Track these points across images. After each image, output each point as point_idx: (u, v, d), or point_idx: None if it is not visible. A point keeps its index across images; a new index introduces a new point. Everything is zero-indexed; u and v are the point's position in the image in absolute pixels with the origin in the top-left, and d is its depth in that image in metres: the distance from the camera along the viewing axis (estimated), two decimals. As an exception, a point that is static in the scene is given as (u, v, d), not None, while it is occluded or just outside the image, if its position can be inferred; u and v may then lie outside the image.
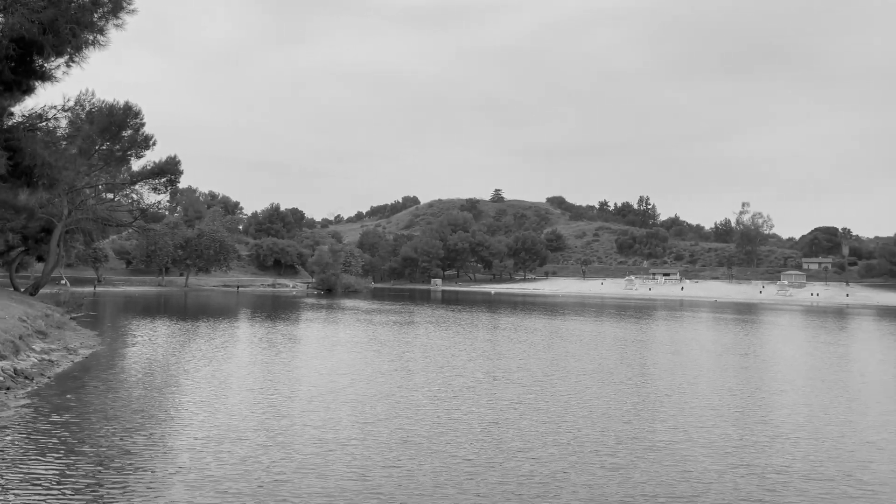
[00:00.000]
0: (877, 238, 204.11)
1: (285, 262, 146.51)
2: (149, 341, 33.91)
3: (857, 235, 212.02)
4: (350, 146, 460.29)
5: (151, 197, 60.99)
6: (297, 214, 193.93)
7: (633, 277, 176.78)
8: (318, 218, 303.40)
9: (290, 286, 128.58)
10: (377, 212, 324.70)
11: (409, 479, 12.67)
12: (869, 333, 52.94)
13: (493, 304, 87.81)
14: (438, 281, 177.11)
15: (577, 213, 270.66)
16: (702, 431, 16.96)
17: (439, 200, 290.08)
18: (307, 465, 13.39)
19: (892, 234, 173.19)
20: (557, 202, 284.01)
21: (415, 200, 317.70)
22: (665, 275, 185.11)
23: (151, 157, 62.03)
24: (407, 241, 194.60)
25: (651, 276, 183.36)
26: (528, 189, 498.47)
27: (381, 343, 35.44)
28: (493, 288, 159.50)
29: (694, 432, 16.83)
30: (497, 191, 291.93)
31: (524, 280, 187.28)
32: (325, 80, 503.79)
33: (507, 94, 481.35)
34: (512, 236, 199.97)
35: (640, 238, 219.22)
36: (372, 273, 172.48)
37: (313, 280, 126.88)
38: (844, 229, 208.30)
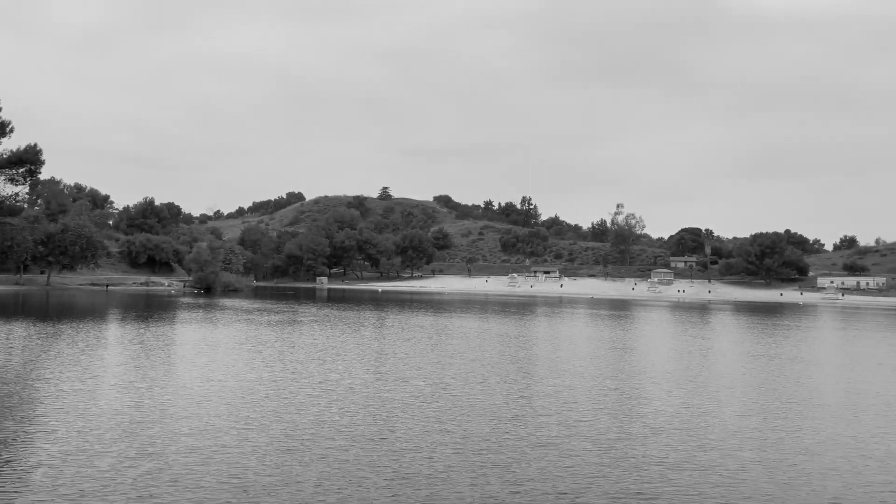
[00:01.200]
0: (735, 238, 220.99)
1: (160, 259, 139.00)
2: (3, 347, 30.88)
3: (718, 236, 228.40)
4: (231, 139, 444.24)
5: (8, 188, 55.96)
6: (173, 209, 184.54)
7: (515, 275, 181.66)
8: (196, 213, 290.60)
9: (166, 285, 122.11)
10: (260, 208, 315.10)
11: (290, 488, 12.12)
12: (728, 327, 57.03)
13: (380, 302, 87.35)
14: (324, 279, 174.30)
15: (463, 212, 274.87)
16: (583, 426, 17.44)
17: (325, 197, 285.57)
18: (180, 478, 12.53)
19: (748, 235, 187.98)
20: (444, 201, 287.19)
21: (300, 197, 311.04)
22: (546, 273, 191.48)
23: (8, 144, 56.89)
24: (291, 238, 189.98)
25: (533, 274, 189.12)
26: (416, 187, 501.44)
27: (262, 344, 34.20)
28: (381, 286, 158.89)
29: (576, 427, 17.28)
30: (385, 188, 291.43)
31: (412, 278, 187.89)
32: (204, 70, 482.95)
33: (394, 93, 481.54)
34: (400, 234, 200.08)
35: (522, 237, 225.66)
36: (254, 271, 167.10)
37: (191, 278, 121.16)
38: (707, 230, 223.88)
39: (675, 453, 14.98)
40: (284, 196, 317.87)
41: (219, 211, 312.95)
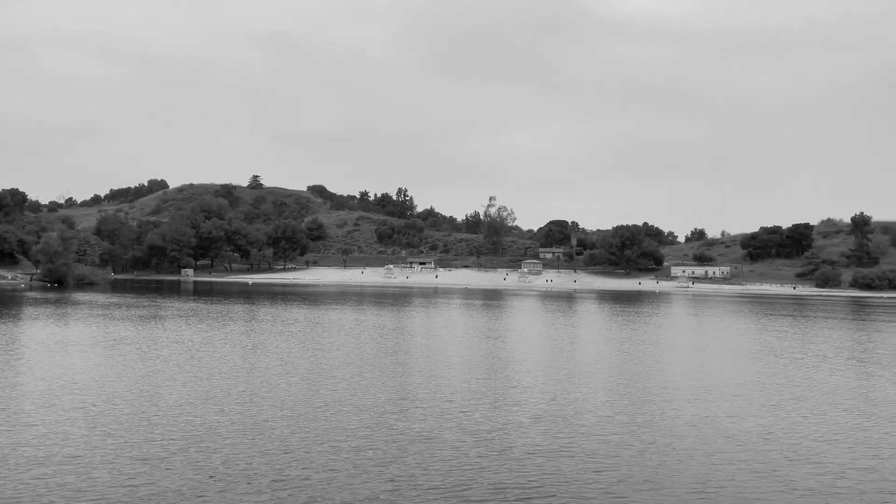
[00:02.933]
0: (599, 231, 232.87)
1: (3, 250, 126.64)
2: None
3: (583, 228, 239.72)
4: (85, 122, 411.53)
5: None
6: (17, 196, 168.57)
7: (392, 266, 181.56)
8: (44, 201, 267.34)
9: (9, 278, 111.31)
10: (119, 195, 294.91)
11: (147, 502, 11.15)
12: (594, 314, 59.85)
13: (250, 295, 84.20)
14: (190, 271, 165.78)
15: (338, 202, 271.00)
16: (462, 417, 17.44)
17: (191, 185, 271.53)
18: (21, 494, 11.19)
19: (610, 228, 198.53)
20: (318, 191, 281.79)
21: (163, 184, 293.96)
22: (422, 264, 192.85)
23: None
24: (154, 227, 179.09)
25: (409, 265, 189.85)
26: (289, 176, 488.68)
27: (121, 341, 31.80)
28: (252, 278, 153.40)
29: (456, 419, 17.25)
30: (255, 177, 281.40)
31: (285, 270, 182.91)
32: (53, 46, 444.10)
33: (268, 79, 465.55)
34: (272, 224, 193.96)
35: (398, 228, 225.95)
36: (112, 263, 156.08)
37: (38, 271, 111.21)
38: (573, 223, 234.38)
39: (555, 441, 15.28)
40: (146, 183, 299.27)
41: (71, 198, 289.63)
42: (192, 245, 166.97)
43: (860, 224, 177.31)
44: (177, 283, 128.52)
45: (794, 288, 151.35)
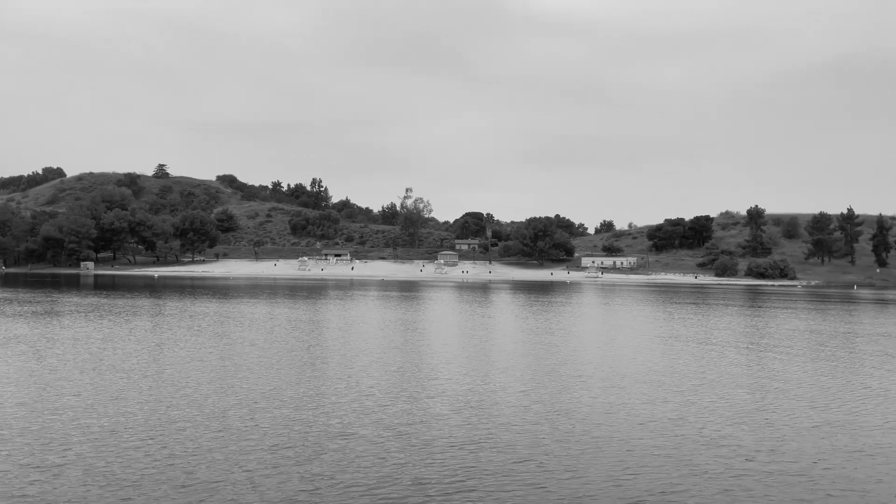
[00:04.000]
0: (513, 222, 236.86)
1: None
2: None
3: (498, 220, 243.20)
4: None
5: None
6: None
7: (306, 258, 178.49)
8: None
9: None
10: (10, 184, 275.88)
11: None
12: (509, 304, 60.67)
13: (156, 288, 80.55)
14: (90, 264, 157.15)
15: (249, 192, 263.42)
16: (382, 411, 17.13)
17: (90, 174, 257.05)
18: None
19: (524, 220, 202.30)
20: (229, 181, 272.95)
21: (59, 172, 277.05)
22: (337, 255, 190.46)
23: None
24: (50, 218, 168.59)
25: (324, 257, 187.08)
26: (197, 166, 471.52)
27: (11, 339, 29.59)
28: (158, 271, 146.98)
29: (375, 413, 16.92)
30: (161, 166, 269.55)
31: (193, 262, 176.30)
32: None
33: (176, 64, 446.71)
34: (179, 215, 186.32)
35: (313, 219, 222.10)
36: (3, 256, 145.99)
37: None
38: (489, 214, 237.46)
39: (476, 433, 15.21)
40: (40, 172, 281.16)
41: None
42: (93, 237, 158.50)
43: (755, 216, 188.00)
44: (76, 276, 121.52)
45: (696, 277, 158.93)
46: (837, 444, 14.87)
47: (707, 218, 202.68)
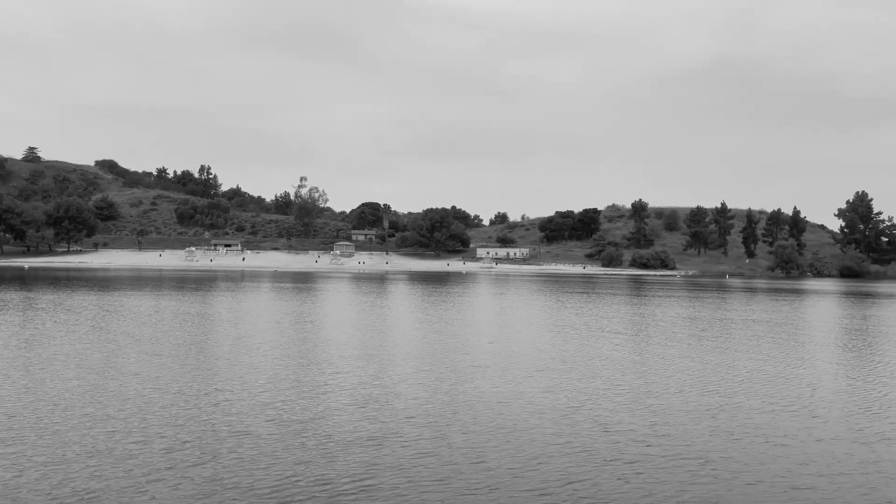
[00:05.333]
0: (410, 213, 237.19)
1: None
2: None
3: (395, 211, 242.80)
4: None
5: None
6: None
7: (193, 248, 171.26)
8: None
9: None
10: None
11: None
12: (406, 295, 60.61)
13: (27, 280, 74.55)
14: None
15: (132, 179, 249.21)
16: (280, 408, 16.46)
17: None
18: None
19: (420, 211, 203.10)
20: (109, 166, 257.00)
21: None
22: (227, 246, 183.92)
23: None
24: None
25: (213, 248, 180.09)
26: (73, 150, 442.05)
27: None
28: (28, 262, 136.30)
29: (273, 410, 16.24)
30: (32, 149, 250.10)
31: (68, 252, 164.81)
32: None
33: (49, 41, 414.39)
34: (52, 202, 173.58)
35: (201, 208, 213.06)
36: None
37: None
38: (385, 205, 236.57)
39: (378, 427, 14.89)
40: None
41: None
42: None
43: (639, 210, 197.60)
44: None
45: (584, 267, 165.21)
46: (722, 426, 15.67)
47: (595, 211, 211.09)
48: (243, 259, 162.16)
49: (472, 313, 43.91)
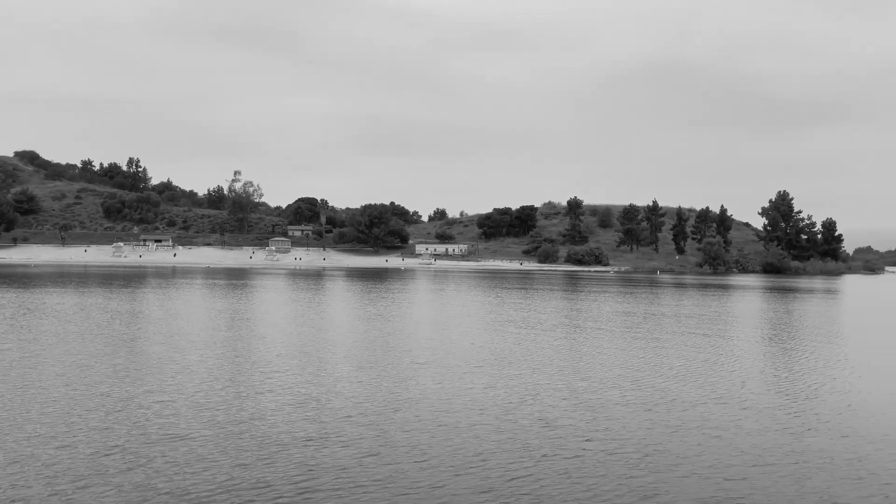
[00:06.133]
0: (348, 209, 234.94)
1: None
2: None
3: (333, 206, 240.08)
4: None
5: None
6: None
7: (121, 244, 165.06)
8: None
9: None
10: None
11: None
12: (343, 292, 59.94)
13: (-63, 278, 70.23)
14: None
15: (54, 171, 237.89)
16: (215, 409, 15.94)
17: None
18: None
19: (359, 206, 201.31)
20: (29, 157, 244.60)
21: None
22: (157, 241, 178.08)
23: None
24: None
25: (142, 243, 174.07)
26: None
27: None
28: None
29: (208, 412, 15.70)
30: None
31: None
32: None
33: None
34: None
35: (129, 202, 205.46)
36: None
37: None
38: (323, 200, 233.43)
39: (319, 428, 14.58)
40: None
41: None
42: None
43: (574, 207, 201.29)
44: None
45: (521, 264, 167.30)
46: (658, 419, 16.02)
47: (532, 208, 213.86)
48: (174, 255, 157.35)
49: (412, 310, 43.76)
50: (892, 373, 23.49)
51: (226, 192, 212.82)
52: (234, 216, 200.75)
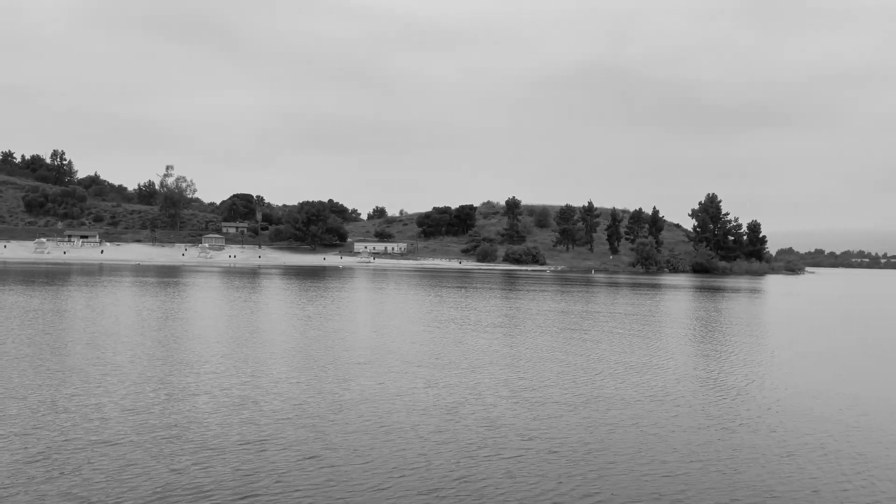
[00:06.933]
0: (284, 206, 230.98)
1: None
2: None
3: (269, 203, 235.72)
4: None
5: None
6: None
7: (44, 240, 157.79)
8: None
9: None
10: None
11: None
12: (280, 291, 58.84)
13: None
14: None
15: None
16: (145, 413, 15.31)
17: None
18: None
19: (296, 203, 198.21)
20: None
21: None
22: (83, 237, 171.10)
23: None
24: None
25: (67, 239, 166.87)
26: None
27: None
28: None
29: (137, 416, 15.06)
30: None
31: None
32: None
33: None
34: None
35: (53, 196, 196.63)
36: None
37: None
38: (259, 197, 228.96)
39: (257, 431, 14.18)
40: None
41: None
42: None
43: (512, 207, 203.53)
44: None
45: (460, 262, 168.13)
46: (597, 417, 16.27)
47: (471, 207, 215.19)
48: (102, 252, 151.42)
49: (351, 309, 43.30)
50: (815, 369, 24.57)
51: (157, 187, 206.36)
52: (165, 212, 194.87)
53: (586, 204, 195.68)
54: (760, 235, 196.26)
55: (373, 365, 22.22)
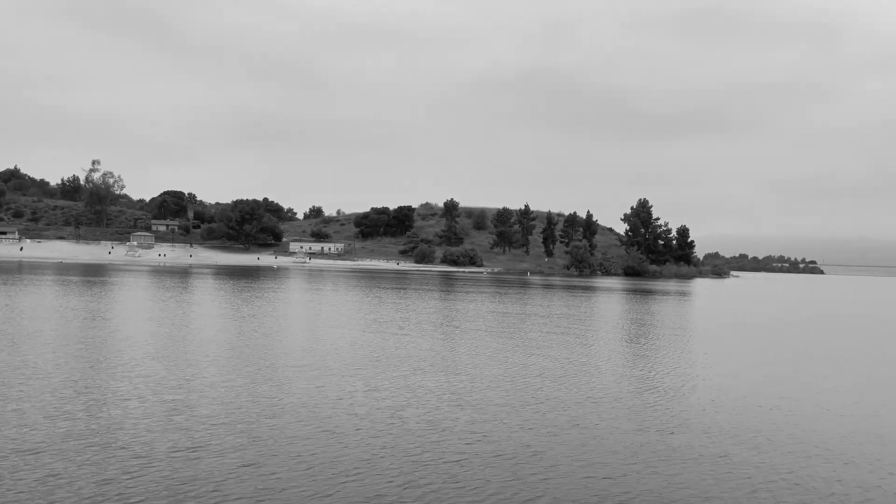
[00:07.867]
0: (217, 204, 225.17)
1: None
2: None
3: (201, 200, 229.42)
4: None
5: None
6: None
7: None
8: None
9: None
10: None
11: None
12: (212, 291, 57.23)
13: None
14: None
15: None
16: (70, 419, 14.51)
17: None
18: None
19: (230, 201, 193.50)
20: None
21: None
22: (1, 233, 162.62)
23: None
24: None
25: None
26: None
27: None
28: None
29: (62, 422, 14.25)
30: None
31: None
32: None
33: None
34: None
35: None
36: None
37: None
38: (190, 194, 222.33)
39: (189, 437, 13.61)
40: None
41: None
42: None
43: (450, 209, 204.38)
44: None
45: (398, 263, 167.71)
46: (539, 420, 16.34)
47: (409, 208, 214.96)
48: (21, 249, 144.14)
49: (287, 310, 42.45)
50: (745, 370, 25.41)
51: (83, 182, 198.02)
52: (91, 208, 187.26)
53: (523, 207, 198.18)
54: (689, 240, 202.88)
55: (311, 368, 21.76)
